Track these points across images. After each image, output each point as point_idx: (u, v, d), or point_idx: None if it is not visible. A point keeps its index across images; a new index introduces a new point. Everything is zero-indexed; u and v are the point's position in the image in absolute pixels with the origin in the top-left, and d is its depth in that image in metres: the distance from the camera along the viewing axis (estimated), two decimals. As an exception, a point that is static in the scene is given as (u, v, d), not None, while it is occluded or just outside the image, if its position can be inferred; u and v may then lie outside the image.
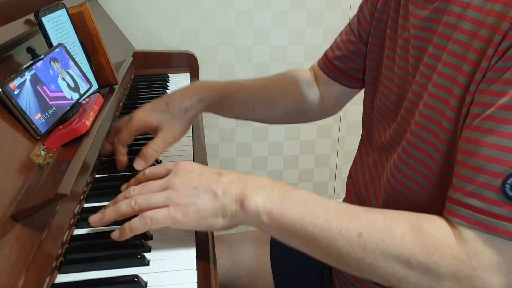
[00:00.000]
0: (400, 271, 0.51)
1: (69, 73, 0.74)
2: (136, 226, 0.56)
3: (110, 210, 0.59)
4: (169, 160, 0.84)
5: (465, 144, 0.51)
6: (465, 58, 0.54)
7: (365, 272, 0.53)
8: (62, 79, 0.71)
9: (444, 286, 0.50)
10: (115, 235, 0.58)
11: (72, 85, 0.73)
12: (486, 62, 0.50)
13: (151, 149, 0.76)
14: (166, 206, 0.56)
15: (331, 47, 0.87)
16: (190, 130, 0.96)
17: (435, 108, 0.57)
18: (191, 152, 0.88)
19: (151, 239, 0.62)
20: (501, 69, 0.49)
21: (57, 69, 0.71)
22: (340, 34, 0.86)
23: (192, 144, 0.91)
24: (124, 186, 0.66)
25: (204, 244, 0.62)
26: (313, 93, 0.90)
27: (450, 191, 0.52)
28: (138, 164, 0.76)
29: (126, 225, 0.57)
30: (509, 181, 0.47)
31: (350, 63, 0.83)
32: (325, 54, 0.88)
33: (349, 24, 0.84)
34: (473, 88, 0.52)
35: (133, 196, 0.58)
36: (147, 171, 0.63)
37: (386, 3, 0.73)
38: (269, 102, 0.87)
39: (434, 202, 0.60)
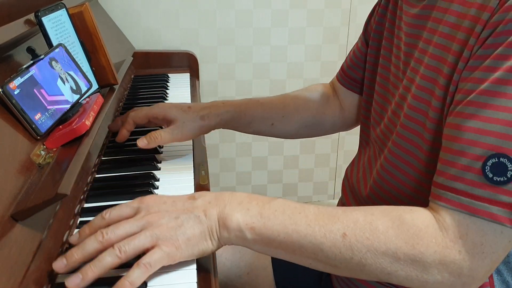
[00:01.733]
0: (389, 266, 0.52)
1: (69, 73, 0.74)
2: (136, 278, 0.51)
3: (92, 266, 0.51)
4: (170, 159, 0.84)
5: (448, 129, 0.53)
6: (449, 49, 0.56)
7: (354, 271, 0.54)
8: (62, 79, 0.71)
9: (433, 274, 0.51)
10: None
11: (72, 85, 0.73)
12: (468, 52, 0.53)
13: (158, 133, 0.80)
14: (154, 245, 0.53)
15: (345, 58, 0.90)
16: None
17: (422, 99, 0.59)
18: (191, 152, 0.88)
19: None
20: (482, 57, 0.51)
21: (57, 69, 0.71)
22: (353, 46, 0.89)
23: (192, 144, 0.91)
24: (76, 236, 0.57)
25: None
26: (333, 106, 0.92)
27: (435, 176, 0.54)
28: (140, 142, 0.80)
29: (124, 279, 0.51)
30: (488, 163, 0.48)
31: (359, 70, 0.85)
32: (341, 66, 0.91)
33: (360, 35, 0.86)
34: (456, 77, 0.54)
35: (115, 245, 0.52)
36: (107, 214, 0.57)
37: (385, 7, 0.75)
38: (286, 117, 0.90)
39: (422, 190, 0.61)
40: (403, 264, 0.52)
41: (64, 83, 0.71)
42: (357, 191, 0.76)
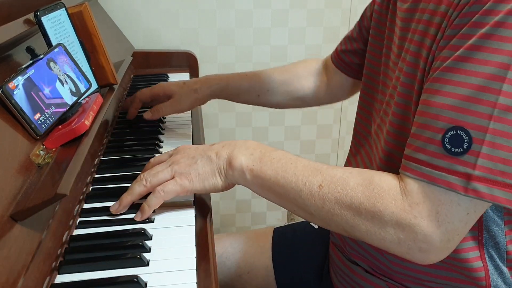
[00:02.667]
0: (352, 219, 0.58)
1: (68, 73, 0.74)
2: (152, 202, 0.64)
3: (126, 194, 0.66)
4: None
5: (420, 105, 0.57)
6: (427, 34, 0.59)
7: (325, 221, 0.60)
8: (61, 79, 0.71)
9: (389, 233, 0.56)
10: (138, 217, 0.65)
11: (72, 85, 0.73)
12: (441, 34, 0.57)
13: (160, 106, 0.96)
14: (173, 178, 0.65)
15: (340, 41, 0.96)
16: (190, 130, 0.97)
17: (408, 85, 0.62)
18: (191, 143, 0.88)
19: (151, 239, 0.62)
20: (449, 37, 0.55)
21: (55, 70, 0.71)
22: (349, 31, 0.94)
23: (192, 143, 0.91)
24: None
25: (204, 244, 0.62)
26: (318, 81, 1.01)
27: (405, 149, 0.58)
28: (146, 114, 0.96)
29: (144, 204, 0.65)
30: (447, 135, 0.52)
31: (352, 57, 0.91)
32: (336, 48, 0.98)
33: (356, 23, 0.91)
34: (431, 59, 0.57)
35: (143, 177, 0.66)
36: (152, 159, 0.72)
37: (382, 4, 0.77)
38: (271, 90, 1.00)
39: None
40: (364, 219, 0.57)
41: (63, 85, 0.71)
42: None
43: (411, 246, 0.55)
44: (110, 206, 0.67)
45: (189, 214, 0.68)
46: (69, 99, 0.71)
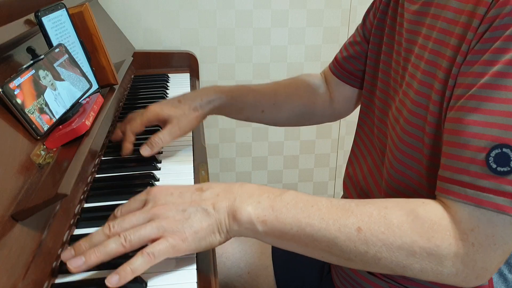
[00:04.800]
0: (404, 259, 0.52)
1: (68, 73, 0.74)
2: (139, 266, 0.51)
3: (96, 251, 0.51)
4: (170, 159, 0.84)
5: (451, 124, 0.53)
6: (447, 44, 0.57)
7: (369, 265, 0.54)
8: (62, 79, 0.71)
9: (448, 266, 0.52)
10: (112, 282, 0.50)
11: (72, 85, 0.73)
12: (466, 46, 0.54)
13: (158, 137, 0.81)
14: (160, 237, 0.53)
15: (340, 49, 0.90)
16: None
17: (423, 94, 0.60)
18: (191, 152, 0.88)
19: (151, 239, 0.62)
20: (480, 51, 0.52)
21: (57, 69, 0.71)
22: (349, 37, 0.89)
23: (192, 144, 0.92)
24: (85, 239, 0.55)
25: (204, 244, 0.62)
26: (323, 96, 0.93)
27: (440, 171, 0.54)
28: (144, 150, 0.81)
29: (126, 266, 0.51)
30: (492, 154, 0.49)
31: (356, 63, 0.86)
32: (335, 57, 0.92)
33: (357, 27, 0.87)
34: (455, 71, 0.55)
35: (120, 233, 0.52)
36: (118, 211, 0.57)
37: (387, 4, 0.76)
38: (277, 105, 0.90)
39: (427, 186, 0.62)
40: (419, 257, 0.52)
41: (63, 83, 0.71)
42: (365, 188, 0.75)
43: (469, 274, 0.52)
44: (110, 205, 0.66)
45: (189, 214, 0.68)
46: (70, 99, 0.71)
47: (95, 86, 0.83)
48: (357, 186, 0.79)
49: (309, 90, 0.93)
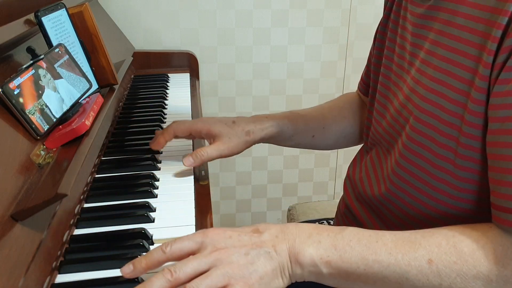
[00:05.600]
0: None
1: (68, 73, 0.74)
2: None
3: None
4: (170, 159, 0.84)
5: (500, 149, 0.51)
6: (463, 52, 0.55)
7: None
8: (62, 79, 0.71)
9: None
10: None
11: (72, 85, 0.73)
12: (489, 57, 0.51)
13: (205, 151, 0.78)
14: (227, 285, 0.50)
15: (364, 68, 0.89)
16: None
17: (433, 102, 0.58)
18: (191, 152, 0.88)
19: (151, 239, 0.62)
20: None
21: (57, 68, 0.71)
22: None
23: (192, 144, 0.91)
24: (129, 267, 0.52)
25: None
26: (365, 114, 0.90)
27: (494, 199, 0.52)
28: (186, 161, 0.77)
29: None
30: None
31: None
32: (361, 75, 0.90)
33: (374, 38, 0.86)
34: (479, 83, 0.52)
35: (187, 286, 0.49)
36: (167, 248, 0.52)
37: (389, 8, 0.75)
38: (326, 128, 0.89)
39: (438, 186, 0.60)
40: (496, 285, 0.50)
41: (64, 83, 0.71)
42: (361, 190, 0.75)
43: None
44: (110, 205, 0.66)
45: (189, 214, 0.68)
46: (70, 99, 0.71)
47: (95, 86, 0.83)
48: (355, 188, 0.79)
49: (352, 110, 0.91)
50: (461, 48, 0.55)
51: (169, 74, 1.38)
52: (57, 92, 0.69)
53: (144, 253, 0.58)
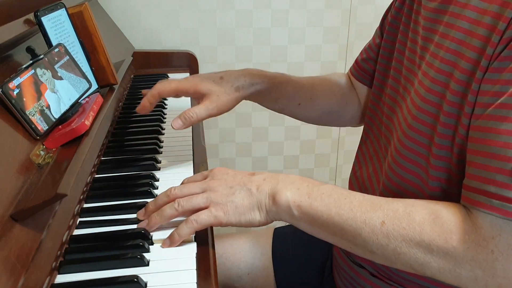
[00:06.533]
0: (422, 257, 0.54)
1: (68, 73, 0.74)
2: (184, 231, 0.60)
3: (156, 215, 0.62)
4: (170, 159, 0.84)
5: (478, 133, 0.52)
6: (468, 45, 0.55)
7: (390, 259, 0.56)
8: (61, 79, 0.71)
9: (466, 269, 0.52)
10: (166, 244, 0.60)
11: (72, 85, 0.73)
12: (491, 49, 0.52)
13: (193, 112, 0.75)
14: (207, 206, 0.61)
15: (360, 52, 0.89)
16: (190, 131, 0.96)
17: (435, 92, 0.59)
18: (191, 152, 0.88)
19: (151, 239, 0.62)
20: (508, 58, 0.50)
21: (57, 68, 0.71)
22: (369, 41, 0.88)
23: (192, 144, 0.91)
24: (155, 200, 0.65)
25: (204, 244, 0.62)
26: (353, 98, 0.91)
27: (466, 180, 0.54)
28: (175, 123, 0.75)
29: (175, 232, 0.60)
30: None
31: (375, 65, 0.84)
32: (356, 59, 0.90)
33: (376, 29, 0.86)
34: (479, 75, 0.53)
35: (176, 200, 0.62)
36: (185, 179, 0.68)
37: (402, 1, 0.75)
38: (313, 99, 0.88)
39: (428, 192, 0.61)
40: (436, 256, 0.53)
41: (63, 83, 0.71)
42: (369, 187, 0.75)
43: (489, 282, 0.52)
44: (110, 205, 0.66)
45: (189, 214, 0.68)
46: (70, 99, 0.71)
47: (94, 86, 0.82)
48: (362, 186, 0.78)
49: (342, 90, 0.91)
50: (467, 41, 0.56)
51: (169, 74, 1.37)
52: (57, 92, 0.69)
53: (144, 253, 0.58)
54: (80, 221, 0.65)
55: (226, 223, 0.61)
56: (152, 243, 0.61)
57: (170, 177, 0.78)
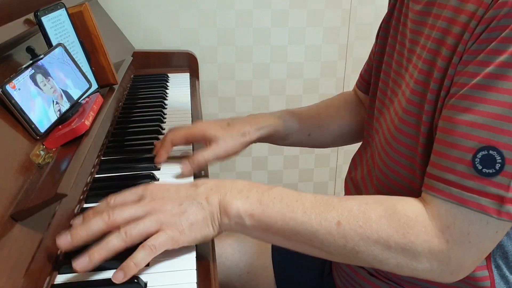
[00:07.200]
0: (380, 253, 0.54)
1: (68, 73, 0.74)
2: (141, 259, 0.53)
3: (99, 249, 0.53)
4: (170, 159, 0.84)
5: (443, 122, 0.54)
6: (444, 43, 0.57)
7: (348, 258, 0.57)
8: (61, 79, 0.71)
9: (422, 262, 0.53)
10: (118, 278, 0.52)
11: (72, 85, 0.73)
12: (462, 46, 0.54)
13: (201, 156, 0.78)
14: (158, 230, 0.55)
15: (363, 65, 0.90)
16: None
17: (418, 93, 0.60)
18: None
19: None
20: (476, 51, 0.52)
21: (57, 68, 0.71)
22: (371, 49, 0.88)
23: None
24: (79, 219, 0.58)
25: (204, 244, 0.62)
26: (362, 113, 0.91)
27: (428, 167, 0.56)
28: (185, 167, 0.77)
29: (129, 261, 0.53)
30: (478, 156, 0.50)
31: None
32: (360, 73, 0.91)
33: (376, 36, 0.86)
34: (451, 72, 0.55)
35: (121, 228, 0.54)
36: (112, 200, 0.59)
37: (393, 5, 0.76)
38: (322, 127, 0.90)
39: (420, 185, 0.61)
40: (394, 252, 0.54)
41: (63, 83, 0.71)
42: (363, 189, 0.76)
43: (444, 270, 0.54)
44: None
45: (189, 214, 0.67)
46: (69, 99, 0.71)
47: (94, 86, 0.83)
48: (357, 188, 0.79)
49: (349, 109, 0.92)
50: (445, 39, 0.57)
51: (169, 74, 1.37)
52: (57, 92, 0.69)
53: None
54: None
55: (183, 243, 0.56)
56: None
57: (170, 177, 0.78)
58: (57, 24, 0.77)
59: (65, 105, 0.70)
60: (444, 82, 0.56)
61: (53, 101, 0.67)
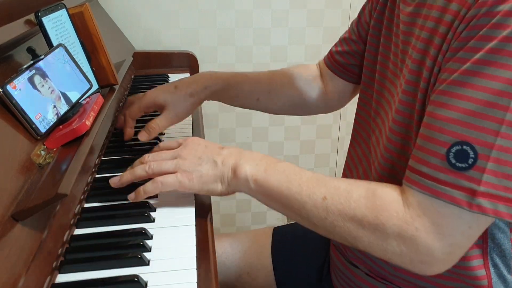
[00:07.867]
0: (355, 231, 0.58)
1: (68, 73, 0.74)
2: (149, 189, 0.66)
3: (128, 173, 0.68)
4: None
5: (425, 117, 0.56)
6: (432, 42, 0.58)
7: (328, 231, 0.61)
8: (62, 79, 0.71)
9: (391, 245, 0.56)
10: (131, 197, 0.67)
11: (72, 85, 0.73)
12: (446, 45, 0.55)
13: (155, 124, 0.85)
14: (175, 172, 0.66)
15: (335, 43, 0.92)
16: (190, 130, 0.97)
17: (409, 93, 0.62)
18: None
19: (152, 239, 0.62)
20: (456, 49, 0.54)
21: (57, 69, 0.71)
22: (345, 32, 0.90)
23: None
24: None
25: (204, 244, 0.62)
26: (316, 88, 0.95)
27: (409, 160, 0.57)
28: (141, 136, 0.85)
29: (141, 188, 0.66)
30: (452, 150, 0.51)
31: (349, 58, 0.87)
32: (330, 50, 0.93)
33: (352, 23, 0.88)
34: (436, 70, 0.57)
35: (147, 162, 0.67)
36: (161, 144, 0.73)
37: (384, 4, 0.76)
38: (272, 93, 0.94)
39: None
40: (367, 231, 0.57)
41: (63, 83, 0.71)
42: None
43: (413, 258, 0.55)
44: (110, 205, 0.67)
45: (190, 214, 0.68)
46: (70, 99, 0.71)
47: (95, 86, 0.83)
48: None
49: (303, 81, 0.95)
50: (432, 39, 0.58)
51: (169, 74, 1.38)
52: (57, 92, 0.69)
53: (144, 253, 0.58)
54: (80, 221, 0.65)
55: (189, 189, 0.66)
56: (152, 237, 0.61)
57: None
58: (58, 24, 0.77)
59: (64, 106, 0.70)
60: (431, 81, 0.57)
61: (53, 101, 0.67)
